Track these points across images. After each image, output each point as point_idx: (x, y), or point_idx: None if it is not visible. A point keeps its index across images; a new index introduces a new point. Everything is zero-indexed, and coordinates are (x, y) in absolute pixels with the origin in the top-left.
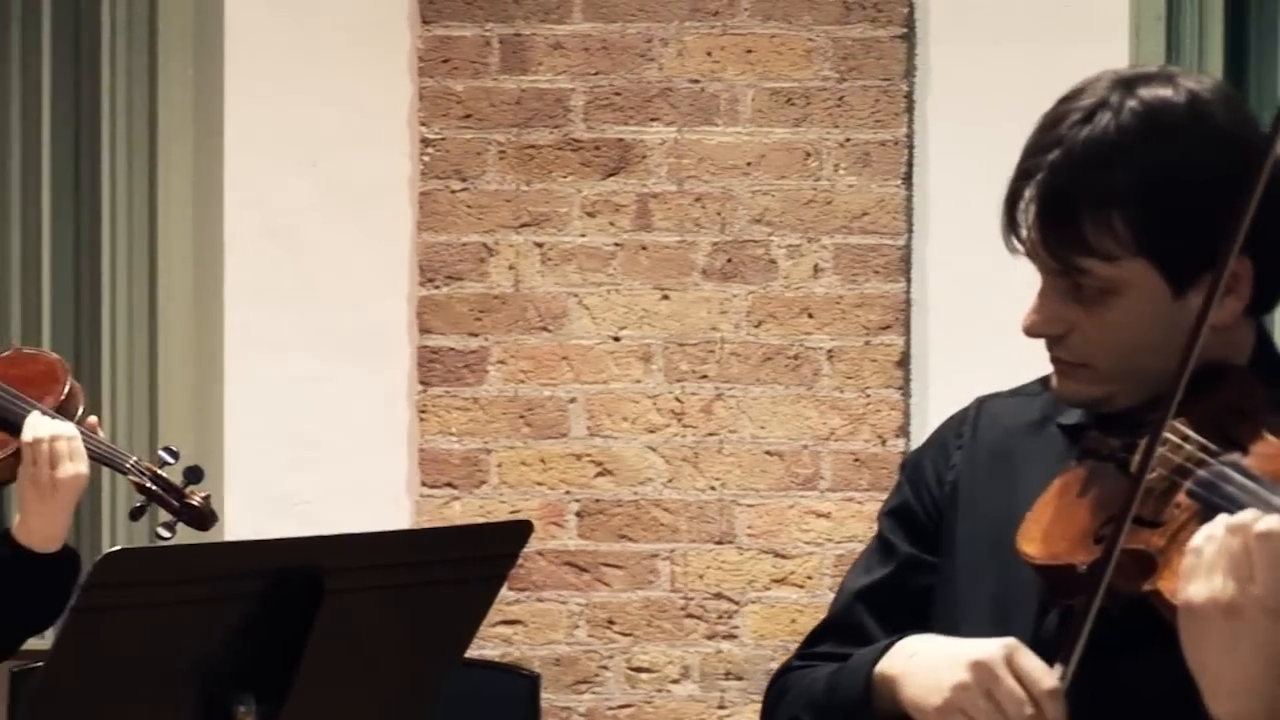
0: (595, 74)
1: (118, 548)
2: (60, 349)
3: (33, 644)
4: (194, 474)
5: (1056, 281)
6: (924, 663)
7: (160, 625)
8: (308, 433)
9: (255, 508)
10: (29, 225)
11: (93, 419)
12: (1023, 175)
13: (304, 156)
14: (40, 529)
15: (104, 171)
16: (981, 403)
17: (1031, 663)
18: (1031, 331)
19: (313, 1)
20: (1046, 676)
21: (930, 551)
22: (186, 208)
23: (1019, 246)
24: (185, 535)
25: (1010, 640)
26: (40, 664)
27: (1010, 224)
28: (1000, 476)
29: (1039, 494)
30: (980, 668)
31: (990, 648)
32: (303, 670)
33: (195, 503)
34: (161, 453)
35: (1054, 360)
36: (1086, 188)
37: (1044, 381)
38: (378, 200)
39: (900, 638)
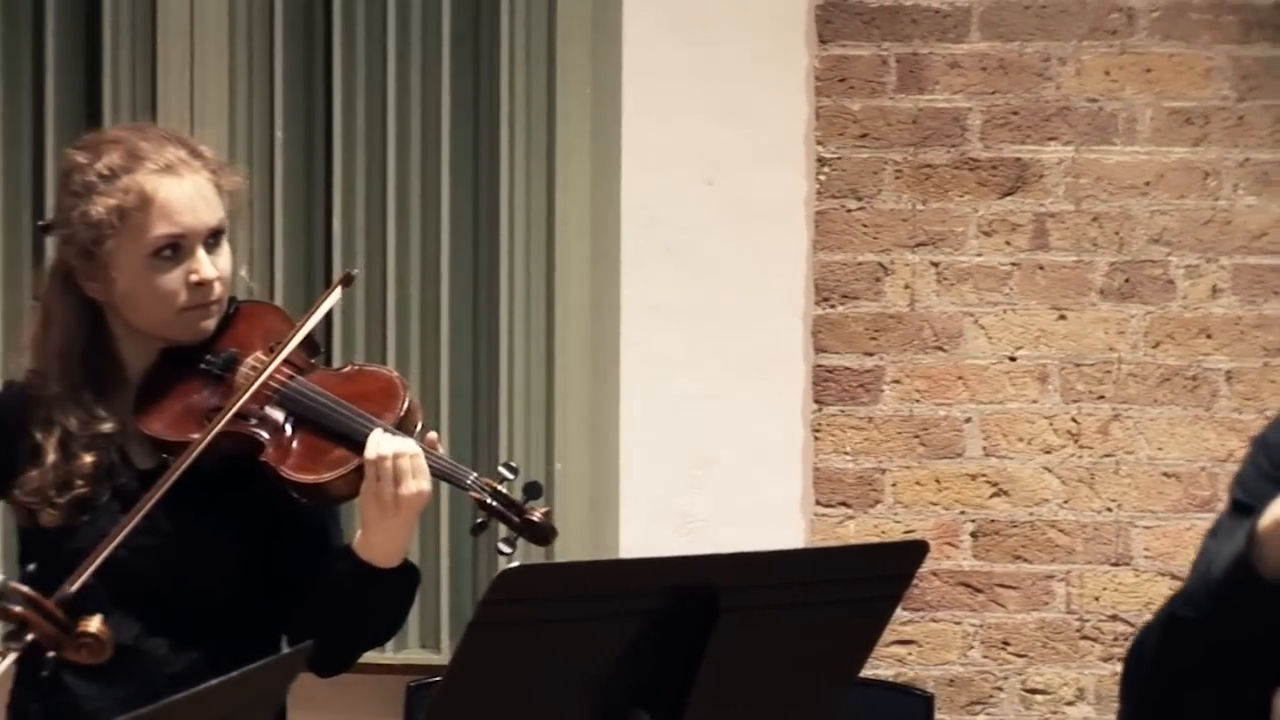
0: (992, 93)
1: (516, 564)
2: (458, 366)
3: (429, 658)
4: (534, 490)
5: None
6: None
7: (556, 641)
8: (702, 450)
9: (649, 525)
10: (428, 244)
11: (433, 435)
12: None
13: (700, 175)
14: (382, 545)
15: (502, 190)
16: None
17: None
18: None
19: (710, 21)
20: None
21: None
22: (584, 225)
23: None
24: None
25: None
26: (437, 679)
27: None
28: None
29: None
30: None
31: None
32: (697, 687)
33: (535, 518)
34: (501, 469)
35: None
36: None
37: None
38: (773, 219)
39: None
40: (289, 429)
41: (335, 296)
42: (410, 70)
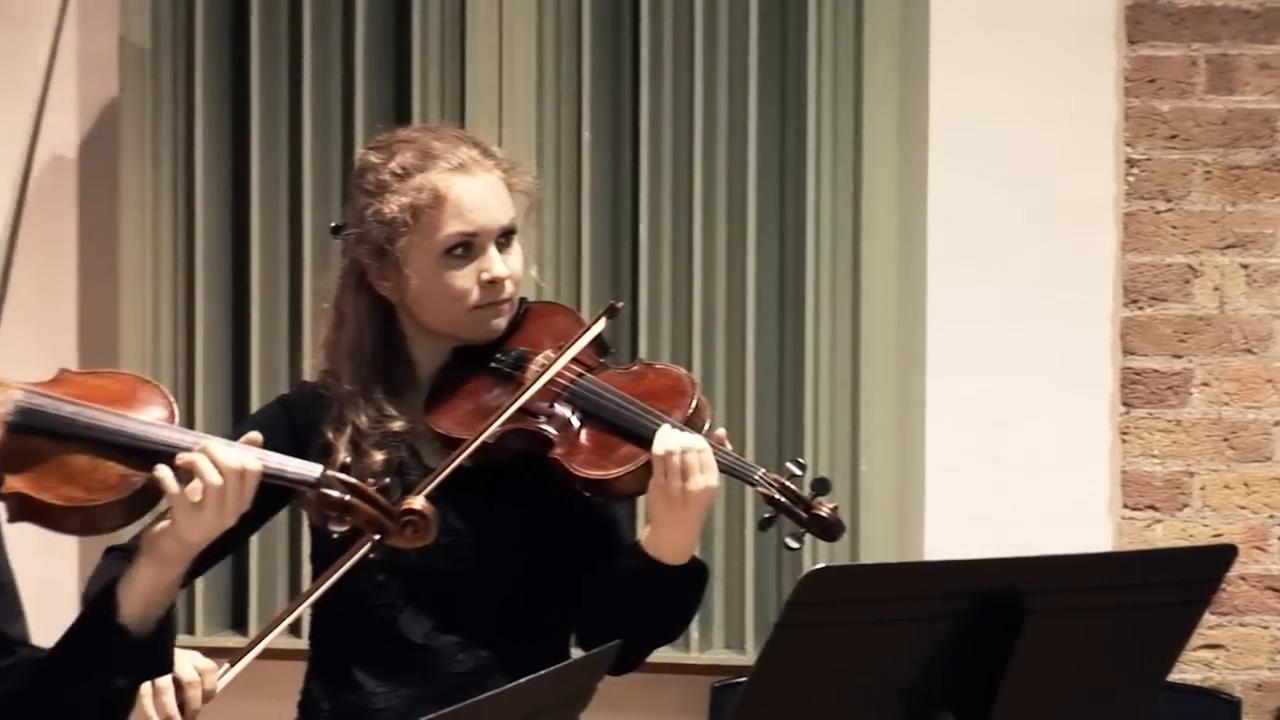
0: None
1: (821, 565)
2: (764, 367)
3: (734, 659)
4: (821, 485)
5: None
6: None
7: (862, 642)
8: (1008, 453)
9: (954, 527)
10: (734, 245)
11: (721, 431)
12: None
13: (1007, 176)
14: (670, 541)
15: (809, 190)
16: None
17: None
18: None
19: (1018, 23)
20: None
21: None
22: (890, 226)
23: None
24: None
25: None
26: (741, 679)
27: None
28: None
29: None
30: None
31: None
32: (1003, 690)
33: (823, 514)
34: (789, 464)
35: None
36: None
37: None
38: (1081, 220)
39: None
40: (578, 425)
41: (600, 326)
42: (717, 70)
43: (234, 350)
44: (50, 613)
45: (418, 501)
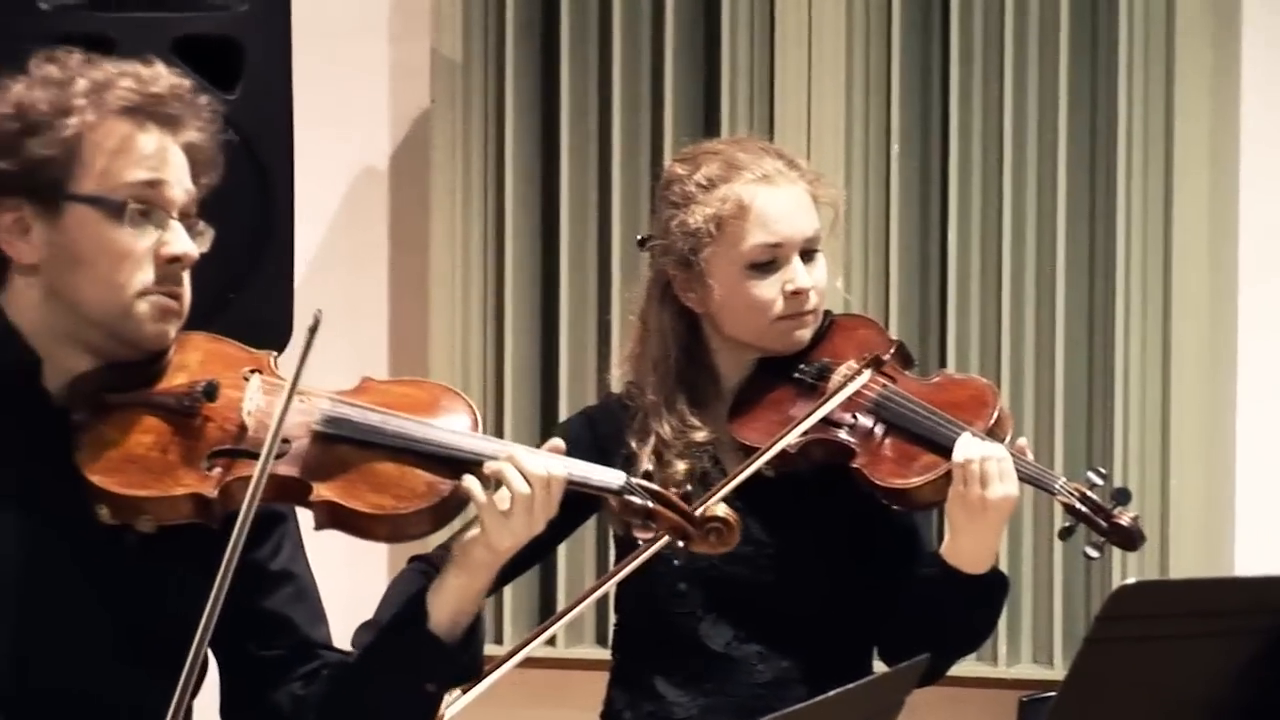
0: None
1: (1132, 580)
2: (1073, 380)
3: (1042, 673)
4: (1122, 495)
5: None
6: None
7: (1172, 658)
8: None
9: (1267, 541)
10: (1043, 258)
11: (1022, 441)
12: None
13: None
14: (969, 549)
15: (1119, 201)
16: None
17: None
18: None
19: None
20: None
21: None
22: (1201, 237)
23: None
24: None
25: None
26: (1049, 694)
27: None
28: None
29: None
30: None
31: None
32: None
33: (1124, 523)
34: (1090, 473)
35: None
36: None
37: None
38: None
39: None
40: (880, 436)
41: (868, 374)
42: (1026, 81)
43: (543, 361)
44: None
45: (721, 508)
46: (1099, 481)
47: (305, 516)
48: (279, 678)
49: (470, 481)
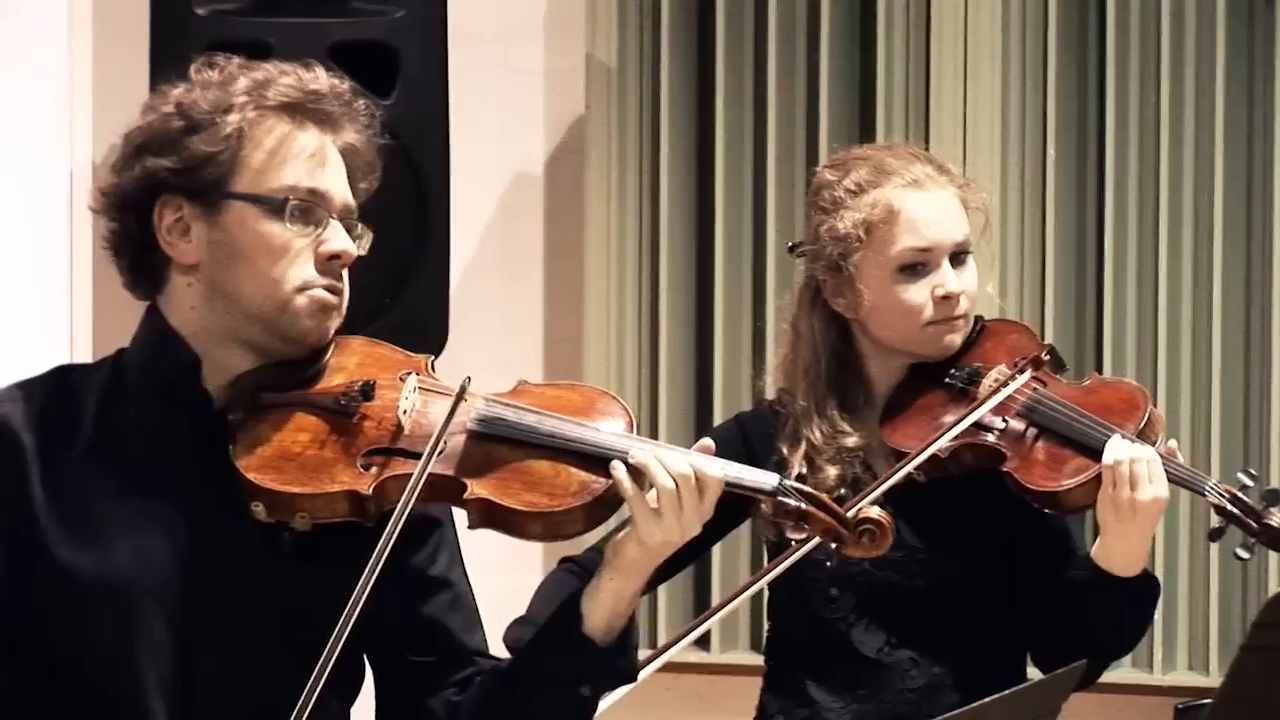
0: None
1: None
2: (1229, 384)
3: (1197, 680)
4: (1273, 496)
5: None
6: None
7: None
8: None
9: None
10: (1200, 261)
11: (1172, 444)
12: None
13: None
14: (1120, 551)
15: (1275, 208)
16: None
17: None
18: None
19: None
20: None
21: None
22: None
23: None
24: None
25: None
26: (1205, 701)
27: None
28: None
29: None
30: None
31: None
32: None
33: (1274, 524)
34: (1240, 475)
35: None
36: None
37: None
38: None
39: None
40: (1030, 439)
41: (1024, 378)
42: (1184, 87)
43: (697, 367)
44: None
45: (874, 510)
46: (1250, 483)
47: (460, 517)
48: (434, 684)
49: (620, 472)
